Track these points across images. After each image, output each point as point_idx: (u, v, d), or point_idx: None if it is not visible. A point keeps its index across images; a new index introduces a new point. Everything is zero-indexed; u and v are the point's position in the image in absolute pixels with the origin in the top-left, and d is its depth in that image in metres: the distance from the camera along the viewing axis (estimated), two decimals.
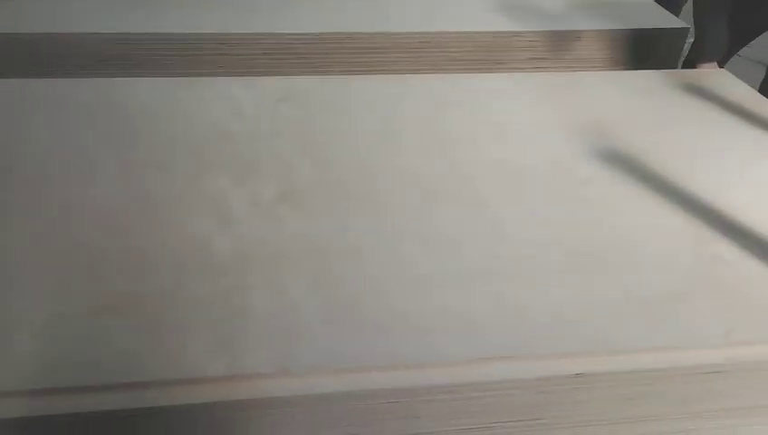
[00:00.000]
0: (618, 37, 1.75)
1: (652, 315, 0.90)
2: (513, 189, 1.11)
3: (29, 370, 0.77)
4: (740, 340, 0.87)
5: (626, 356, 0.85)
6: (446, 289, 0.91)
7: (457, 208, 1.06)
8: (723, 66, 1.99)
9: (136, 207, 1.02)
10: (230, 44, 1.56)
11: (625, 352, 0.85)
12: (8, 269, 0.90)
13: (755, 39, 1.94)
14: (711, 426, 0.93)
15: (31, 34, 1.50)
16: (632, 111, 1.36)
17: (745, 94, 1.45)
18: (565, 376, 0.83)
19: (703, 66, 1.74)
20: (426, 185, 1.10)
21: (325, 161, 1.14)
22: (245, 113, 1.26)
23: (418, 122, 1.27)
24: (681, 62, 1.89)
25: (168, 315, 0.84)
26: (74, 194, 1.04)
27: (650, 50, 1.79)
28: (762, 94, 1.48)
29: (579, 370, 0.83)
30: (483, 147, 1.21)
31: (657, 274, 0.96)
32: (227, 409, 0.79)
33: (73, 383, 0.76)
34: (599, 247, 1.00)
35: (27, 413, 0.75)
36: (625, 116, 1.33)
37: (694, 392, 0.89)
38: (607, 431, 0.90)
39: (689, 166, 1.19)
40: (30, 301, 0.85)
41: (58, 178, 1.07)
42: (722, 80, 1.51)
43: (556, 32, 1.69)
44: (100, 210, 1.01)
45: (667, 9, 1.94)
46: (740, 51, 1.99)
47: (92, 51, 1.53)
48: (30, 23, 1.54)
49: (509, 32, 1.68)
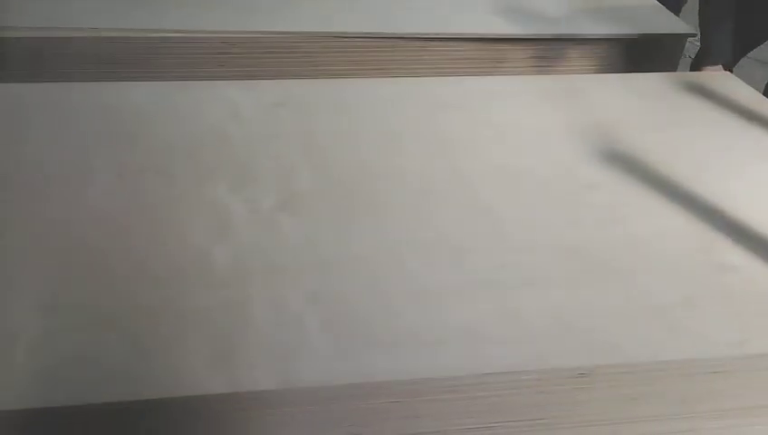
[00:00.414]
0: (618, 40, 1.75)
1: (662, 324, 0.88)
2: (516, 194, 1.10)
3: (24, 386, 0.75)
4: (755, 351, 0.86)
5: (627, 356, 0.84)
6: (450, 300, 0.90)
7: (460, 214, 1.05)
8: (731, 70, 1.99)
9: (134, 214, 1.00)
10: (230, 43, 1.56)
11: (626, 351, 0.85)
12: (3, 280, 0.88)
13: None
14: (712, 426, 0.92)
15: (29, 37, 1.50)
16: (636, 114, 1.35)
17: (749, 96, 1.44)
18: (567, 376, 0.83)
19: (708, 69, 1.74)
20: (427, 190, 1.09)
21: (325, 166, 1.13)
22: (244, 117, 1.24)
23: (419, 126, 1.26)
24: (686, 63, 1.89)
25: (167, 328, 0.83)
26: (71, 201, 1.02)
27: (650, 53, 1.80)
28: (767, 96, 1.48)
29: (581, 370, 0.83)
30: (485, 151, 1.20)
31: (664, 280, 0.95)
32: (227, 411, 0.79)
33: (69, 401, 0.74)
34: (605, 254, 0.99)
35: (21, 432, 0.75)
36: (628, 119, 1.33)
37: (695, 393, 0.89)
38: (608, 432, 0.90)
39: (694, 169, 1.18)
40: (25, 313, 0.83)
41: (55, 184, 1.04)
42: (725, 82, 1.50)
43: (556, 34, 1.69)
44: (97, 218, 0.99)
45: (668, 7, 1.94)
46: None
47: (91, 51, 1.53)
48: (27, 24, 1.53)
49: (510, 34, 1.69)
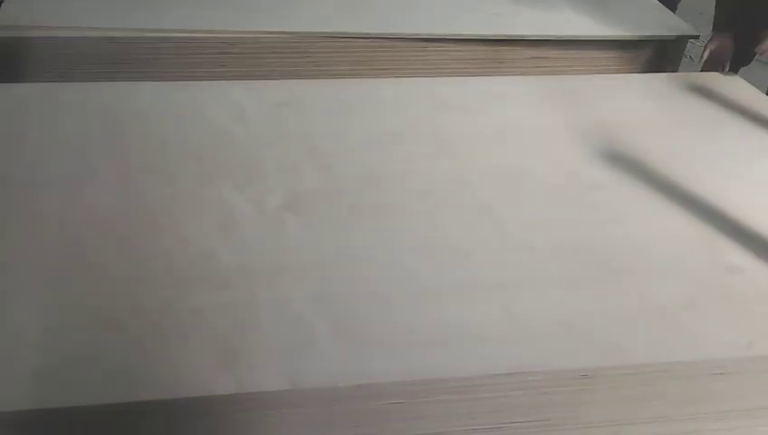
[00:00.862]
0: (619, 42, 1.75)
1: (665, 325, 0.88)
2: (518, 195, 1.10)
3: (26, 387, 0.74)
4: (758, 352, 0.86)
5: (630, 357, 0.84)
6: (452, 301, 0.89)
7: (463, 216, 1.04)
8: (741, 67, 1.99)
9: (137, 214, 0.99)
10: (231, 44, 1.56)
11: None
12: (3, 281, 0.87)
13: None
14: (716, 428, 0.92)
15: (29, 37, 1.50)
16: (640, 115, 1.35)
17: (753, 97, 1.44)
18: (570, 377, 0.83)
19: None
20: (430, 191, 1.09)
21: (328, 167, 1.13)
22: (247, 117, 1.24)
23: (421, 126, 1.26)
24: (687, 64, 1.87)
25: (171, 329, 0.82)
26: (72, 202, 1.01)
27: (652, 54, 1.79)
28: None
29: (584, 371, 0.82)
30: (486, 151, 1.20)
31: (668, 281, 0.95)
32: (230, 412, 0.79)
33: (70, 402, 0.74)
34: (608, 255, 0.99)
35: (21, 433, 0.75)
36: (631, 120, 1.32)
37: (698, 394, 0.89)
38: (611, 433, 0.89)
39: (698, 170, 1.18)
40: (26, 315, 0.83)
41: (55, 186, 1.04)
42: (729, 83, 1.50)
43: (558, 36, 1.69)
44: (98, 219, 0.98)
45: (663, 3, 1.94)
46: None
47: (92, 51, 1.53)
48: (28, 24, 1.53)
49: (511, 35, 1.68)
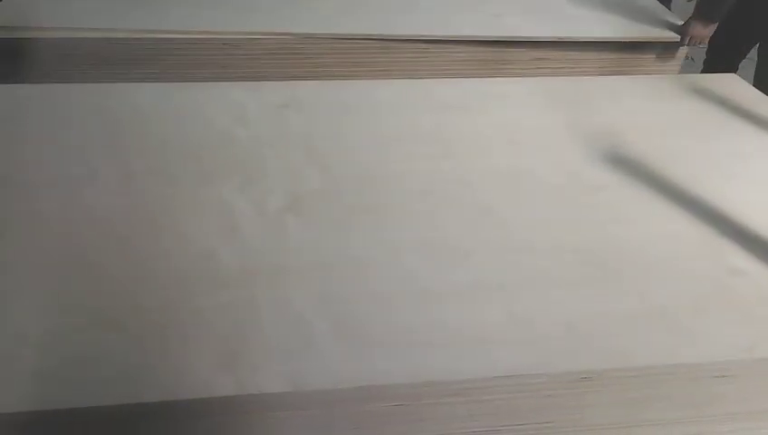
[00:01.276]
0: (620, 42, 1.75)
1: (669, 327, 0.87)
2: (519, 196, 1.09)
3: (26, 388, 0.74)
4: (763, 355, 0.85)
5: (634, 359, 0.84)
6: (454, 302, 0.89)
7: (464, 216, 1.04)
8: (737, 66, 1.99)
9: (137, 216, 0.99)
10: (233, 45, 1.56)
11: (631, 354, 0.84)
12: (5, 282, 0.87)
13: None
14: (721, 430, 0.92)
15: (31, 38, 1.50)
16: (641, 117, 1.34)
17: (754, 98, 1.43)
18: (573, 380, 0.82)
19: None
20: (431, 191, 1.09)
21: (329, 168, 1.12)
22: (248, 119, 1.24)
23: (423, 127, 1.25)
24: (688, 65, 1.88)
25: (171, 330, 0.82)
26: (72, 203, 1.01)
27: (652, 55, 1.79)
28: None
29: (587, 373, 0.82)
30: (488, 152, 1.20)
31: (672, 284, 0.94)
32: (231, 414, 0.79)
33: (71, 404, 0.74)
34: (610, 256, 0.98)
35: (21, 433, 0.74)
36: (634, 121, 1.32)
37: (703, 396, 0.88)
38: None
39: (701, 172, 1.18)
40: (27, 315, 0.82)
41: (58, 186, 1.04)
42: (731, 84, 1.50)
43: (559, 37, 1.69)
44: (99, 219, 0.98)
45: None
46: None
47: (92, 52, 1.53)
48: (28, 25, 1.53)
49: (512, 36, 1.68)
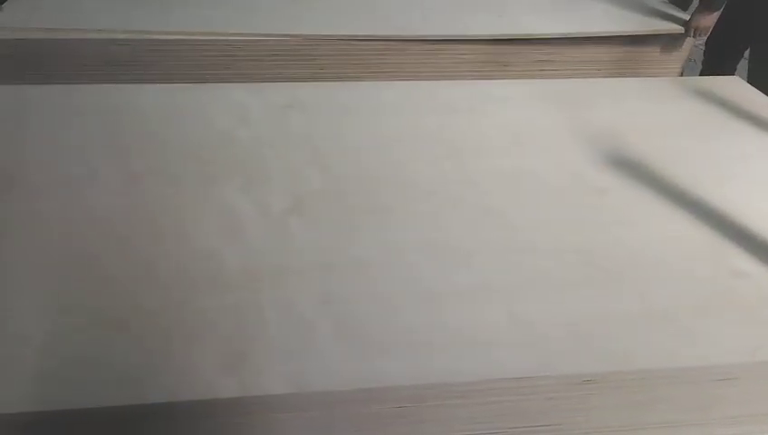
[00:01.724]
0: (625, 42, 1.75)
1: (672, 330, 0.87)
2: (523, 198, 1.09)
3: (29, 389, 0.74)
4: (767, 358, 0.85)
5: (637, 362, 0.84)
6: (457, 304, 0.89)
7: (467, 217, 1.04)
8: (735, 67, 2.00)
9: (139, 216, 0.99)
10: (236, 46, 1.56)
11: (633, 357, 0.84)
12: (8, 282, 0.87)
13: None
14: (725, 433, 0.91)
15: (34, 39, 1.50)
16: (644, 118, 1.34)
17: (757, 100, 1.43)
18: (576, 382, 0.82)
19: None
20: (434, 192, 1.09)
21: (333, 169, 1.12)
22: (251, 120, 1.24)
23: (426, 129, 1.25)
24: (692, 67, 1.89)
25: (174, 331, 0.82)
26: (77, 203, 1.01)
27: (656, 56, 1.79)
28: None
29: (590, 376, 0.82)
30: (492, 154, 1.20)
31: (675, 286, 0.94)
32: (235, 416, 0.79)
33: (73, 405, 0.74)
34: (614, 258, 0.98)
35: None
36: (636, 123, 1.32)
37: (707, 399, 0.88)
38: None
39: (704, 174, 1.17)
40: (30, 316, 0.82)
41: (60, 187, 1.04)
42: (734, 86, 1.50)
43: (563, 35, 1.69)
44: (103, 220, 0.98)
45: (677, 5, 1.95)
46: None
47: (96, 53, 1.53)
48: (31, 26, 1.53)
49: (517, 35, 1.68)
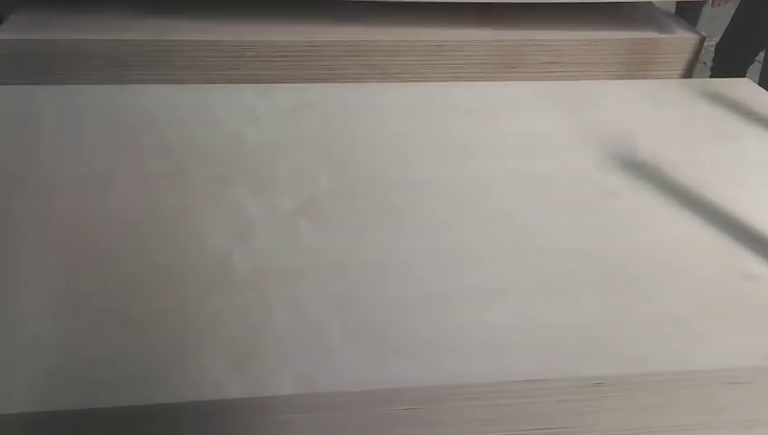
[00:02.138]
0: (631, 44, 1.74)
1: (682, 333, 0.87)
2: (535, 201, 1.09)
3: (39, 389, 0.75)
4: None
5: (648, 365, 0.83)
6: (467, 307, 0.88)
7: (478, 220, 1.04)
8: (746, 71, 1.99)
9: (151, 217, 0.99)
10: (244, 47, 1.56)
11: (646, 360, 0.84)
12: (19, 284, 0.87)
13: None
14: None
15: (44, 39, 1.51)
16: (654, 121, 1.34)
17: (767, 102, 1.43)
18: (587, 385, 0.82)
19: None
20: (446, 196, 1.08)
21: (342, 171, 1.12)
22: (261, 121, 1.24)
23: (436, 130, 1.25)
24: (700, 69, 1.89)
25: (184, 332, 0.82)
26: (87, 204, 1.01)
27: (665, 57, 1.79)
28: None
29: (601, 379, 0.82)
30: (502, 156, 1.19)
31: (685, 289, 0.93)
32: (244, 417, 0.79)
33: (81, 405, 0.74)
34: (623, 261, 0.98)
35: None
36: (647, 125, 1.31)
37: (716, 403, 0.87)
38: None
39: (714, 177, 1.17)
40: (41, 317, 0.83)
41: (71, 188, 1.04)
42: (744, 88, 1.49)
43: (570, 37, 1.69)
44: (113, 221, 0.98)
45: (685, 19, 1.95)
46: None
47: (106, 54, 1.54)
48: (44, 29, 1.54)
49: (523, 38, 1.69)
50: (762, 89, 1.49)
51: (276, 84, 1.42)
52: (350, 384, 0.78)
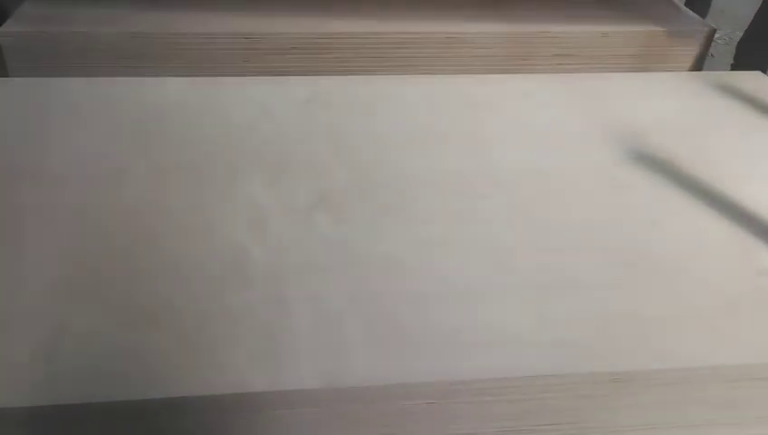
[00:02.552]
0: (642, 36, 1.73)
1: (701, 330, 0.86)
2: (551, 195, 1.08)
3: (56, 383, 0.75)
4: None
5: (668, 360, 0.83)
6: (486, 301, 0.88)
7: (495, 214, 1.03)
8: (766, 68, 1.97)
9: (166, 211, 0.99)
10: (256, 40, 1.56)
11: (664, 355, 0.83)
12: (33, 279, 0.87)
13: None
14: (760, 433, 0.91)
15: (55, 31, 1.50)
16: (667, 114, 1.33)
17: None
18: (606, 380, 0.82)
19: None
20: (462, 190, 1.08)
21: (358, 164, 1.12)
22: (273, 114, 1.23)
23: (451, 124, 1.24)
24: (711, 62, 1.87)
25: (200, 327, 0.82)
26: (101, 198, 1.01)
27: (675, 50, 1.78)
28: None
29: (620, 374, 0.82)
30: (519, 150, 1.19)
31: (705, 284, 0.93)
32: (261, 412, 0.79)
33: (102, 399, 0.74)
34: (640, 256, 0.97)
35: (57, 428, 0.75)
36: (661, 119, 1.30)
37: (739, 398, 0.87)
38: None
39: (729, 171, 1.16)
40: (54, 312, 0.82)
41: (84, 181, 1.04)
42: (756, 81, 1.48)
43: (582, 30, 1.68)
44: (127, 215, 0.98)
45: (694, 10, 1.93)
46: None
47: (115, 46, 1.53)
48: (54, 21, 1.53)
49: (535, 30, 1.67)
50: None
51: (288, 77, 1.41)
52: (370, 378, 0.78)
